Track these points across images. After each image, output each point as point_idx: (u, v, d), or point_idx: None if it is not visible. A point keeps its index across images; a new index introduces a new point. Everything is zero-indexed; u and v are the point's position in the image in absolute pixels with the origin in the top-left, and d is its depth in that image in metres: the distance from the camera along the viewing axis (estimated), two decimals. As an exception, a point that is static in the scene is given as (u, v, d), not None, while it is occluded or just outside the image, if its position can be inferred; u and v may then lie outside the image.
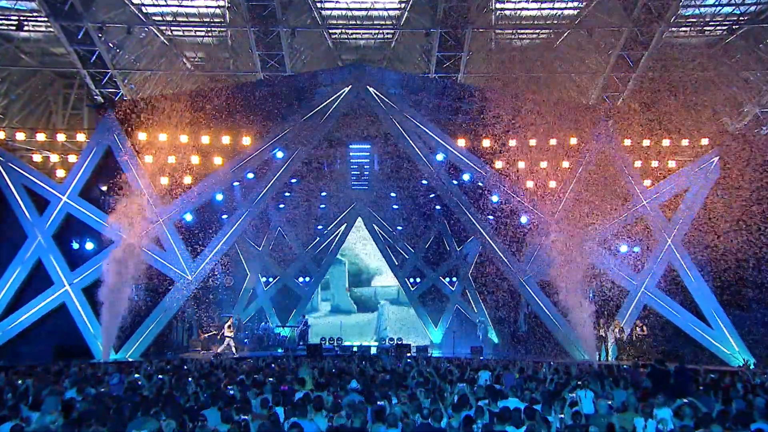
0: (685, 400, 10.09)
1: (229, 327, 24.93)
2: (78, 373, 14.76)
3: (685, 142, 23.20)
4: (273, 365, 17.76)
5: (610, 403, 10.59)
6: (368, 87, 23.85)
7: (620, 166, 22.82)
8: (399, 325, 33.44)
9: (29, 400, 10.70)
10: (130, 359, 21.21)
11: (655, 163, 23.37)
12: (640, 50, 26.91)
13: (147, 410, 9.50)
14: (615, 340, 22.12)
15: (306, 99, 24.34)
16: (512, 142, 22.78)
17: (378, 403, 10.28)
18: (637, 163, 23.29)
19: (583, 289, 21.37)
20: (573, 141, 23.02)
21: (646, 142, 23.06)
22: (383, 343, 28.81)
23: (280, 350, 27.06)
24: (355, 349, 26.21)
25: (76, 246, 22.82)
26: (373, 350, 26.30)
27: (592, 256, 22.08)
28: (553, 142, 22.87)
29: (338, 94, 23.88)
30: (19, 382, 13.20)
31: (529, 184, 22.97)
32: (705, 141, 23.06)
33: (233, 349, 24.55)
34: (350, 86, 23.83)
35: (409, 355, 24.30)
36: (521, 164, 22.95)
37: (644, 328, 22.38)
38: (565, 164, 23.02)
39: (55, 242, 22.34)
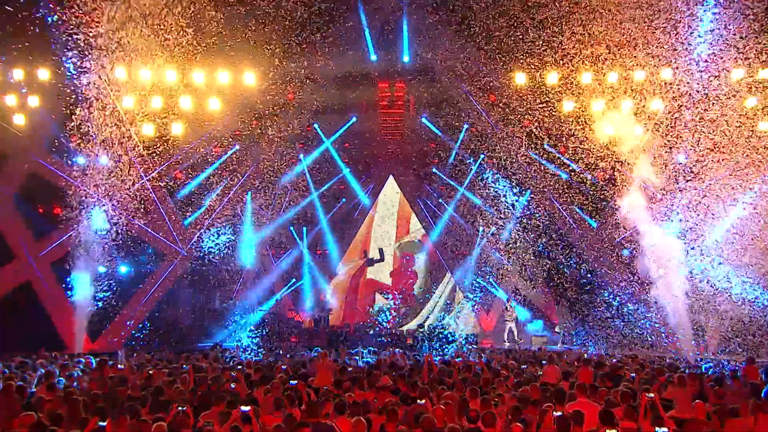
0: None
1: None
2: (44, 365, 15.05)
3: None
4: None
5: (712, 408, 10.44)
6: (403, 7, 23.49)
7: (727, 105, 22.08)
8: None
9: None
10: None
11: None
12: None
13: (131, 409, 9.62)
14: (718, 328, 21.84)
15: (324, 25, 24.07)
16: (586, 77, 22.25)
17: (418, 402, 10.30)
18: (751, 101, 22.38)
19: (677, 264, 21.03)
20: (666, 74, 22.27)
21: (763, 72, 22.05)
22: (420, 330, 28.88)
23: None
24: (386, 340, 26.41)
25: (41, 211, 23.08)
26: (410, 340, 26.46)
27: (683, 221, 21.64)
28: (639, 75, 22.21)
29: (365, 17, 23.60)
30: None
31: (609, 130, 22.48)
32: None
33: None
34: (380, 7, 23.50)
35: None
36: (597, 105, 22.43)
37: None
38: (657, 104, 22.39)
39: (17, 206, 22.63)
